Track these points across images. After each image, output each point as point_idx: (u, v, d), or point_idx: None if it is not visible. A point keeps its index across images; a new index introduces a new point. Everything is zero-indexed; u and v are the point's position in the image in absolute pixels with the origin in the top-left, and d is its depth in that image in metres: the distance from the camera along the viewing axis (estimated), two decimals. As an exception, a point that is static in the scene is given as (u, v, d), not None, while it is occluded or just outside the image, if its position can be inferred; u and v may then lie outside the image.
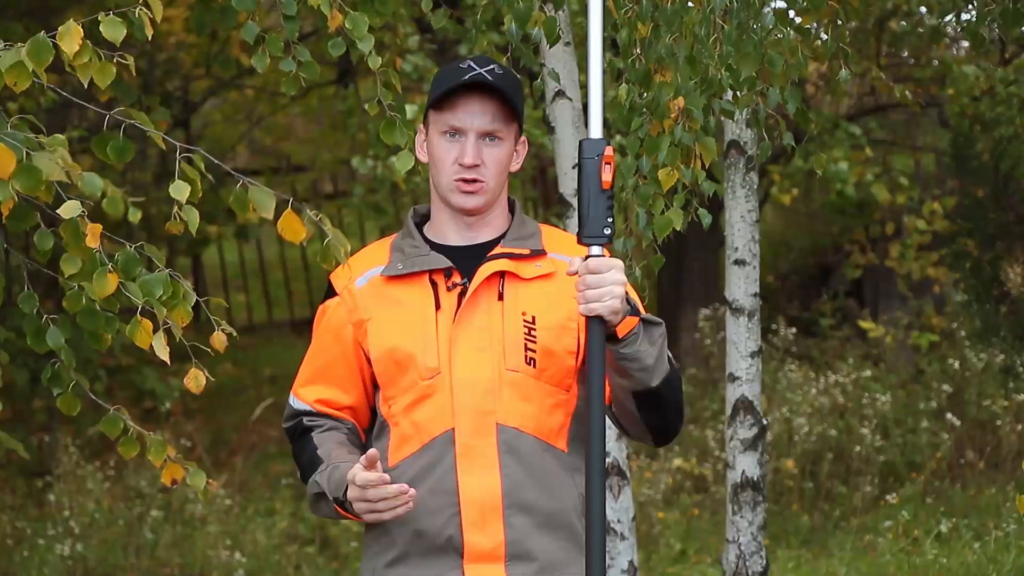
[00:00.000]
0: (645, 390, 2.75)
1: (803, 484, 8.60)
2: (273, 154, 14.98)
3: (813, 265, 12.91)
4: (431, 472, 2.78)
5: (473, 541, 2.76)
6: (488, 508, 2.76)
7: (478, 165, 2.81)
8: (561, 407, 2.83)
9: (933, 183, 12.28)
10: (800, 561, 7.61)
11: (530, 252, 2.84)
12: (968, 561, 7.02)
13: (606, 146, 2.65)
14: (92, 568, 7.74)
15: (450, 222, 2.87)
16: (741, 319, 5.32)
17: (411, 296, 2.83)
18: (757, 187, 5.41)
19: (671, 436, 2.87)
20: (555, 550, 2.79)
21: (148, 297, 3.00)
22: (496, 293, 2.81)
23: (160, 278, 3.02)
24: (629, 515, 5.03)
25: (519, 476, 2.78)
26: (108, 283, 2.95)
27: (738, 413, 5.33)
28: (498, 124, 2.82)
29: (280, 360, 13.15)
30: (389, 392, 2.83)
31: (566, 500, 2.80)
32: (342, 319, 2.88)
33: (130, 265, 2.99)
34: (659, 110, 3.85)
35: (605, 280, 2.63)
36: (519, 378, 2.79)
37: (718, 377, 9.87)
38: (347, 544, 8.22)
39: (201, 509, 8.25)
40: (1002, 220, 9.13)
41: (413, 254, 2.85)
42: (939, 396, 9.11)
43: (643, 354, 2.71)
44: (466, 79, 2.80)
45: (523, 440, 2.78)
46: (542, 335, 2.79)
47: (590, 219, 2.65)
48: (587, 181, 2.65)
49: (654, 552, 8.06)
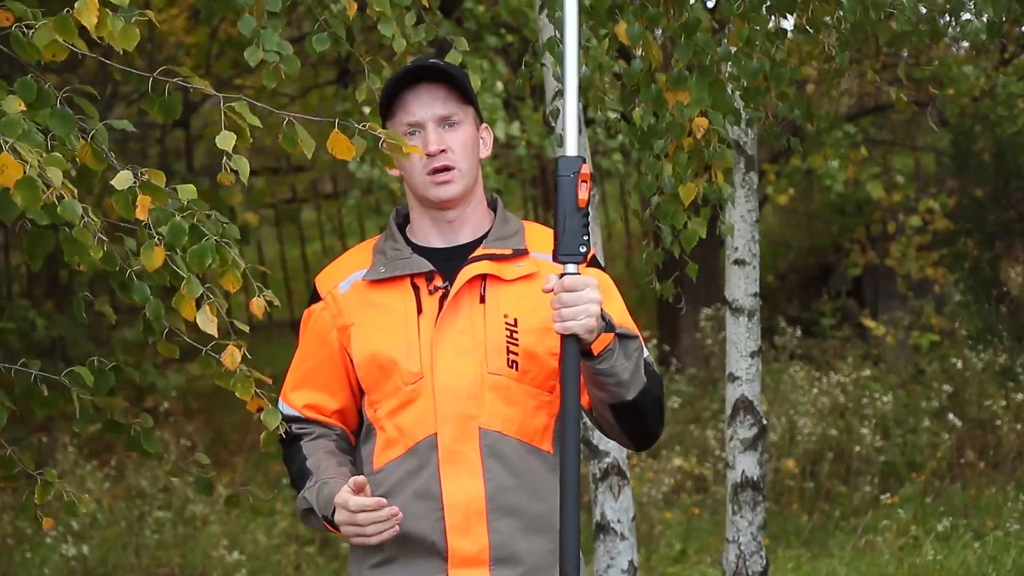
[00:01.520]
0: (622, 403, 2.75)
1: (803, 484, 8.60)
2: (273, 154, 14.98)
3: (813, 265, 12.91)
4: (415, 477, 2.78)
5: (457, 546, 2.76)
6: (472, 512, 2.76)
7: (444, 151, 2.80)
8: (544, 408, 2.82)
9: (932, 183, 12.28)
10: (800, 561, 7.61)
11: (512, 252, 2.83)
12: (968, 561, 7.02)
13: (582, 164, 2.65)
14: (92, 568, 7.74)
15: (431, 224, 2.86)
16: (741, 319, 5.32)
17: (393, 301, 2.82)
18: (757, 187, 5.42)
19: (651, 442, 2.87)
20: (542, 553, 2.79)
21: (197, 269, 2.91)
22: (478, 296, 2.80)
23: (209, 247, 2.91)
24: (629, 515, 5.03)
25: (503, 480, 2.77)
26: (156, 256, 2.86)
27: (738, 413, 5.33)
28: (452, 107, 2.82)
29: (280, 360, 13.10)
30: (374, 396, 2.83)
31: (552, 502, 2.78)
32: (327, 324, 2.88)
33: (177, 236, 2.90)
34: (678, 129, 3.89)
35: (580, 298, 2.61)
36: (501, 381, 2.78)
37: (718, 377, 9.88)
38: (347, 544, 8.21)
39: (202, 509, 8.25)
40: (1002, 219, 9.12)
41: (395, 257, 2.84)
42: (939, 396, 9.11)
43: (619, 369, 2.70)
44: (408, 74, 2.82)
45: (506, 443, 2.78)
46: (524, 337, 2.78)
47: (566, 237, 2.63)
48: (563, 199, 2.64)
49: (654, 552, 8.06)
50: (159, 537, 8.07)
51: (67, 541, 7.79)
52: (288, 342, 13.99)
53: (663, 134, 3.99)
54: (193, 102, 12.68)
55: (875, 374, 9.79)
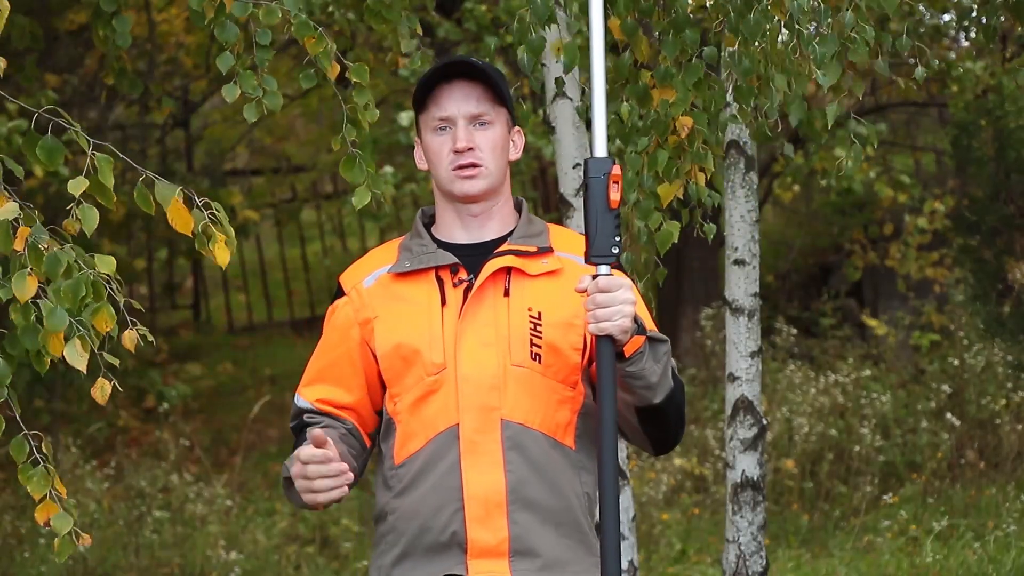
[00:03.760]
0: (648, 406, 2.76)
1: (803, 484, 8.60)
2: (273, 154, 14.98)
3: (813, 265, 12.91)
4: (435, 468, 2.78)
5: (477, 537, 2.76)
6: (492, 504, 2.76)
7: (472, 148, 2.82)
8: (567, 404, 2.82)
9: (933, 183, 12.28)
10: (800, 561, 7.61)
11: (537, 249, 2.84)
12: (968, 561, 7.02)
13: (612, 165, 2.66)
14: (92, 568, 7.74)
15: (456, 220, 2.88)
16: (741, 319, 5.32)
17: (417, 293, 2.83)
18: (757, 187, 5.42)
19: (670, 447, 2.90)
20: (560, 547, 2.79)
21: (68, 303, 2.82)
22: (502, 289, 2.81)
23: (84, 279, 2.83)
24: (629, 515, 5.03)
25: (524, 472, 2.77)
26: (28, 286, 2.80)
27: (738, 413, 5.33)
28: (484, 106, 2.84)
29: (280, 360, 13.15)
30: (395, 389, 2.83)
31: (571, 497, 2.80)
32: (349, 319, 2.88)
33: (52, 267, 2.83)
34: (660, 126, 3.88)
35: (615, 299, 2.63)
36: (524, 373, 2.78)
37: (718, 377, 9.87)
38: (347, 544, 8.22)
39: (201, 509, 8.25)
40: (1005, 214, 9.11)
41: (420, 252, 2.86)
42: (939, 396, 9.10)
43: (648, 372, 2.72)
44: (444, 69, 2.83)
45: (529, 436, 2.78)
46: (548, 331, 2.79)
47: (598, 238, 2.65)
48: (594, 200, 2.66)
49: (654, 552, 8.06)
50: (158, 537, 8.07)
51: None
52: (288, 342, 14.02)
53: (647, 131, 3.97)
54: (193, 102, 12.69)
55: (875, 374, 9.79)
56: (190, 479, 8.73)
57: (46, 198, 8.70)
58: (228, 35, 3.62)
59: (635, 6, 3.79)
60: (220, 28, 3.58)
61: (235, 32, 3.59)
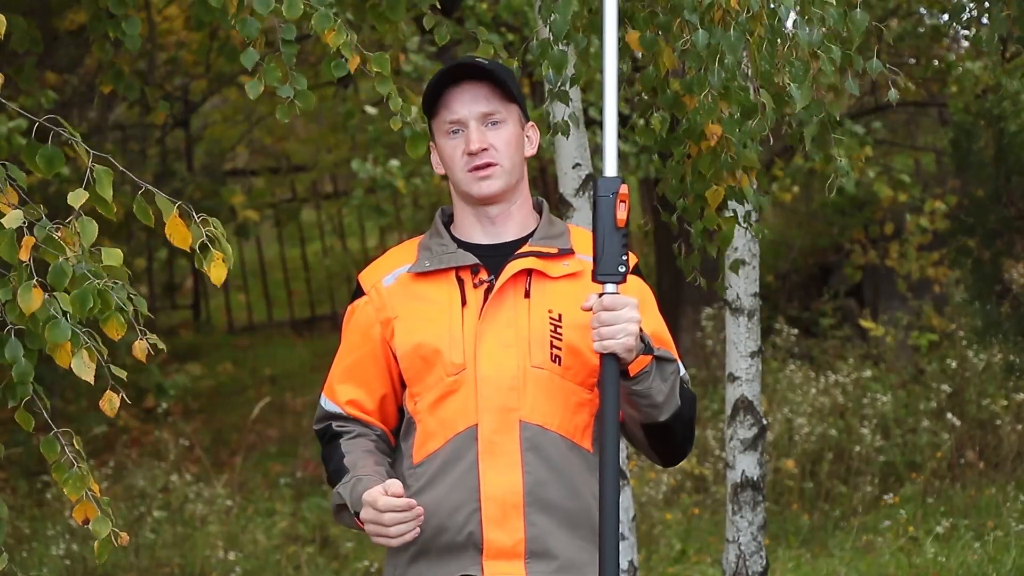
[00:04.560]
0: (654, 423, 2.78)
1: (803, 484, 8.60)
2: (273, 154, 14.98)
3: (813, 265, 12.90)
4: (453, 468, 2.78)
5: (493, 538, 2.77)
6: (509, 505, 2.76)
7: (486, 148, 2.82)
8: (586, 407, 2.83)
9: (933, 183, 12.27)
10: (800, 561, 7.60)
11: (558, 251, 2.85)
12: (968, 561, 7.02)
13: (620, 184, 2.67)
14: (92, 568, 7.73)
15: (475, 220, 2.89)
16: (741, 319, 5.32)
17: (438, 293, 2.84)
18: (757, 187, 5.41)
19: (677, 460, 2.91)
20: (576, 549, 2.80)
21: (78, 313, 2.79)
22: (523, 290, 2.82)
23: (91, 289, 2.80)
24: (629, 515, 5.03)
25: (541, 474, 2.78)
26: (34, 298, 2.77)
27: (738, 413, 5.33)
28: (495, 105, 2.84)
29: (280, 360, 13.15)
30: (415, 389, 2.84)
31: (588, 500, 2.80)
32: (370, 318, 2.89)
33: (58, 279, 2.79)
34: (695, 134, 3.90)
35: (620, 318, 2.64)
36: (544, 375, 2.79)
37: (718, 377, 9.87)
38: (347, 544, 8.21)
39: (201, 509, 8.25)
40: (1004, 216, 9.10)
41: (440, 252, 2.86)
42: (939, 396, 9.10)
43: (654, 391, 2.73)
44: (452, 72, 2.84)
45: (547, 437, 2.79)
46: (568, 333, 2.80)
47: (605, 257, 2.66)
48: (602, 219, 2.67)
49: (654, 552, 8.05)
50: (158, 537, 8.06)
51: (66, 540, 7.79)
52: (288, 342, 14.03)
53: (681, 140, 4.00)
54: (193, 102, 12.68)
55: (875, 374, 9.79)
56: (190, 479, 8.73)
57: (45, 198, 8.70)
58: (250, 30, 3.58)
59: (653, 20, 3.80)
60: (242, 24, 3.54)
61: (256, 27, 3.55)
